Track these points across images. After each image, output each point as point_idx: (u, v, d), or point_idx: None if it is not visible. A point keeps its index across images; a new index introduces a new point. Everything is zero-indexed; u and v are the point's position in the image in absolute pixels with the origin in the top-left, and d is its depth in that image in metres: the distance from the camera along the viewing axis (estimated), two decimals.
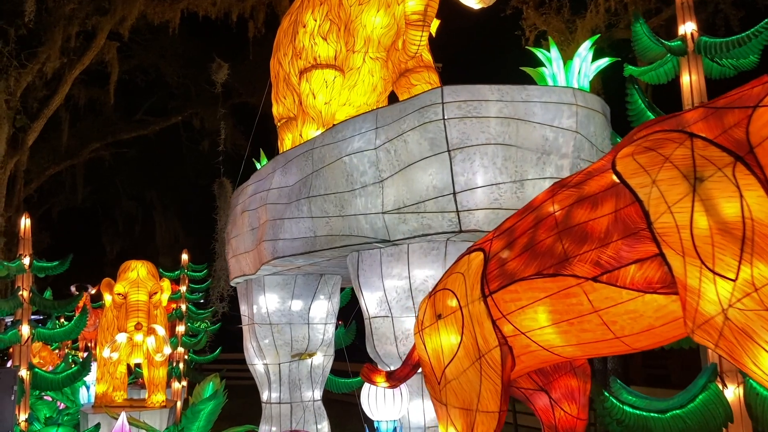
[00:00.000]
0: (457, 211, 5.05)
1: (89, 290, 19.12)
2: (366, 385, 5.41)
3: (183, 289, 15.79)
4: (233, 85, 17.90)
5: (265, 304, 8.09)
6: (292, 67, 8.50)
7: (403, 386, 5.47)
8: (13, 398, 5.29)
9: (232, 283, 9.05)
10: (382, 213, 5.47)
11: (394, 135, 5.37)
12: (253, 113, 19.98)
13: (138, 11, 12.14)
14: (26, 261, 6.53)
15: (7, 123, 10.18)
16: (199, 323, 17.18)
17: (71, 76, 11.78)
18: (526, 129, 5.08)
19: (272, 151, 9.25)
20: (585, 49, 5.48)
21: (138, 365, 12.23)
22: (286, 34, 8.52)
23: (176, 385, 11.91)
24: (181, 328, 12.89)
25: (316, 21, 7.58)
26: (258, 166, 9.08)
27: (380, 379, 3.91)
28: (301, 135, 7.76)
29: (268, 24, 13.92)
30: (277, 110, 9.16)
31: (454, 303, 2.80)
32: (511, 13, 11.46)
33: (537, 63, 5.75)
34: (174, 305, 14.80)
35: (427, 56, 7.78)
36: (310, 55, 7.60)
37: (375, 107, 9.00)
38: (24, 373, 6.25)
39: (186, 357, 13.40)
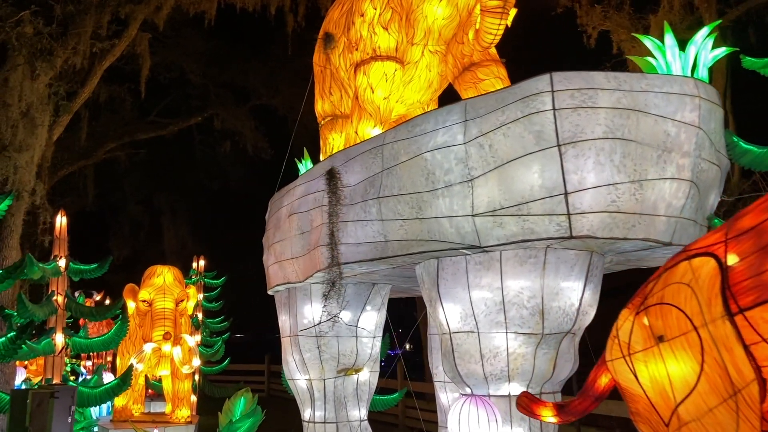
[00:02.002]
0: (568, 214, 4.43)
1: (94, 296, 18.43)
2: (458, 407, 4.78)
3: (200, 296, 15.12)
4: (254, 87, 17.34)
5: (311, 314, 7.44)
6: (343, 59, 7.91)
7: (496, 409, 4.83)
8: (70, 420, 4.64)
9: (270, 292, 8.40)
10: (472, 216, 4.85)
11: (489, 128, 4.76)
12: (274, 115, 19.51)
13: (173, 0, 11.53)
14: (62, 263, 5.89)
15: (50, 109, 9.56)
16: (212, 333, 16.50)
17: (101, 67, 11.16)
18: (647, 122, 4.48)
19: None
20: (702, 36, 4.89)
21: (155, 377, 11.56)
22: (337, 25, 7.94)
23: (193, 398, 11.22)
24: (197, 338, 12.22)
25: (376, 9, 7.00)
26: (301, 166, 8.47)
27: (547, 413, 3.27)
28: (356, 132, 7.17)
29: (308, 18, 13.38)
30: (322, 107, 8.56)
31: (683, 322, 2.19)
32: (562, 12, 10.95)
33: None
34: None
35: (493, 50, 7.21)
36: (369, 46, 7.01)
37: (427, 106, 8.45)
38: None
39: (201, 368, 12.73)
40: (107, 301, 17.85)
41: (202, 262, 16.12)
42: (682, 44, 5.12)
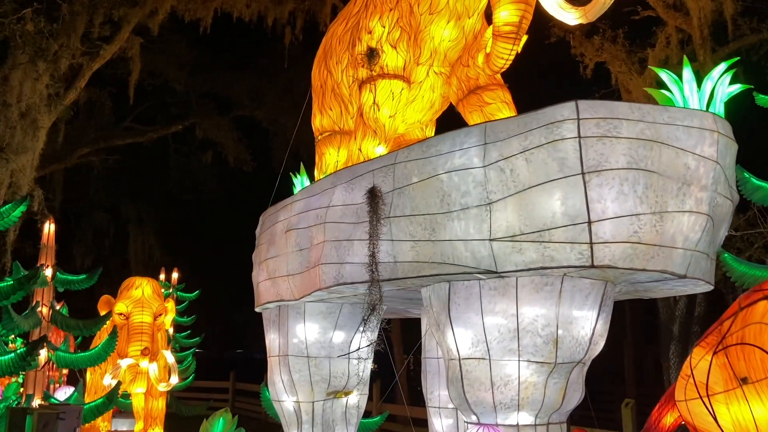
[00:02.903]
0: (591, 243, 4.40)
1: (55, 306, 17.77)
2: None
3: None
4: (238, 97, 17.10)
5: (304, 334, 7.25)
6: (345, 75, 7.83)
7: None
8: None
9: (259, 309, 8.16)
10: (489, 240, 4.78)
11: (511, 153, 4.72)
12: (257, 128, 19.27)
13: (170, 5, 11.29)
14: (48, 272, 5.59)
15: (50, 111, 9.15)
16: (181, 348, 16.02)
17: (90, 69, 10.81)
18: (669, 155, 4.51)
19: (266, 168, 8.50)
20: (719, 72, 4.97)
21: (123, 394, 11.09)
22: (341, 41, 7.87)
23: None
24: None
25: (384, 28, 6.95)
26: (296, 180, 8.30)
27: None
28: (360, 149, 7.06)
29: (305, 32, 13.27)
30: (320, 122, 8.44)
31: None
32: (556, 41, 11.15)
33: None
34: None
35: (498, 74, 7.23)
36: (377, 63, 6.95)
37: (426, 127, 8.41)
38: (37, 403, 5.26)
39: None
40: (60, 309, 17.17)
41: (175, 275, 15.70)
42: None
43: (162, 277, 15.79)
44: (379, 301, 5.03)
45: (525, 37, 6.47)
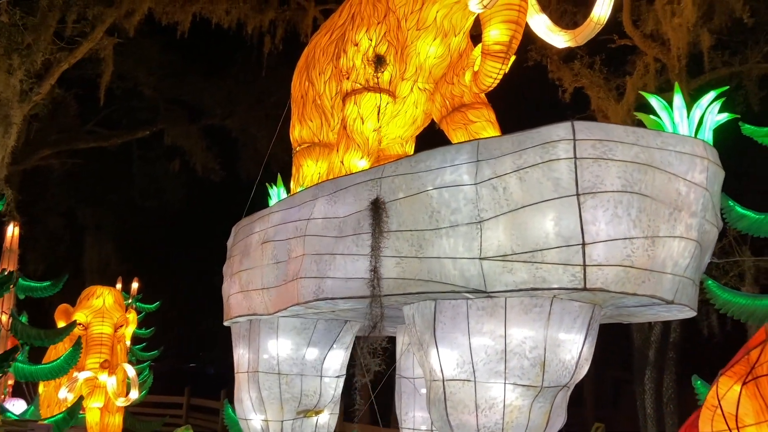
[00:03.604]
0: (584, 265, 4.35)
1: (15, 315, 16.95)
2: None
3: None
4: (209, 105, 16.76)
5: (276, 350, 7.01)
6: (328, 87, 7.70)
7: None
8: None
9: (228, 323, 7.89)
10: (480, 259, 4.69)
11: (504, 171, 4.66)
12: (227, 137, 18.90)
13: (147, 7, 10.95)
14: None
15: (21, 107, 8.66)
16: (138, 361, 15.44)
17: (60, 68, 10.36)
18: (662, 179, 4.52)
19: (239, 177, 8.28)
20: (708, 100, 5.04)
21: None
22: (325, 52, 7.74)
23: None
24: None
25: (371, 41, 6.86)
26: (272, 191, 8.10)
27: None
28: (342, 162, 6.92)
29: (285, 41, 13.06)
30: (299, 133, 8.27)
31: None
32: (533, 65, 11.28)
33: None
34: None
35: (483, 93, 7.22)
36: (362, 76, 6.85)
37: (406, 143, 8.33)
38: None
39: None
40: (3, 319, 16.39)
41: (135, 284, 15.17)
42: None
43: (119, 286, 15.24)
44: (380, 319, 4.85)
45: (513, 58, 6.48)
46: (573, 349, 4.83)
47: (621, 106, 10.58)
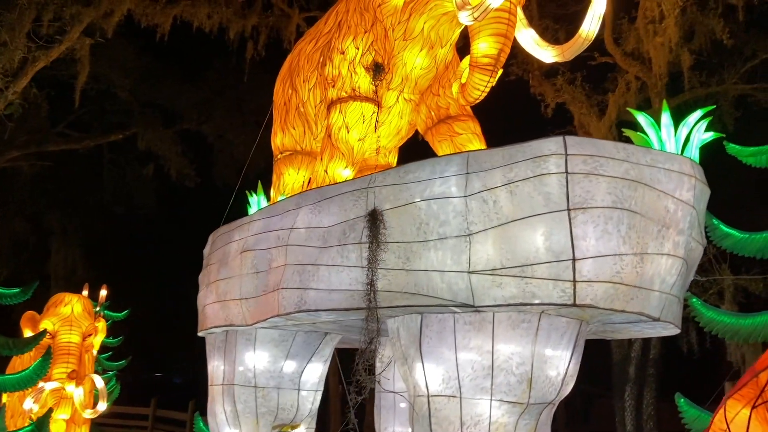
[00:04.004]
0: (574, 281, 4.31)
1: None
2: None
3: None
4: (185, 110, 16.47)
5: (253, 362, 6.83)
6: (312, 95, 7.60)
7: None
8: None
9: (202, 333, 7.67)
10: (468, 272, 4.62)
11: (494, 184, 4.61)
12: (202, 142, 18.59)
13: (126, 8, 10.69)
14: None
15: None
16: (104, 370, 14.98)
17: (34, 68, 10.01)
18: (651, 196, 4.52)
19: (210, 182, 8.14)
20: (694, 118, 5.07)
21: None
22: (310, 60, 7.65)
23: None
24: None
25: (358, 50, 6.79)
26: (252, 199, 7.93)
27: None
28: (326, 171, 6.81)
29: (267, 48, 12.89)
30: (281, 141, 8.14)
31: None
32: (515, 79, 11.36)
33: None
34: None
35: (469, 106, 7.20)
36: (348, 84, 6.76)
37: (390, 153, 8.27)
38: None
39: None
40: None
41: (103, 292, 14.72)
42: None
43: (85, 293, 14.77)
44: (377, 334, 4.74)
45: (500, 71, 6.47)
46: (560, 365, 4.78)
47: (603, 122, 10.72)
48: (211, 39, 12.56)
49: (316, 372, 7.14)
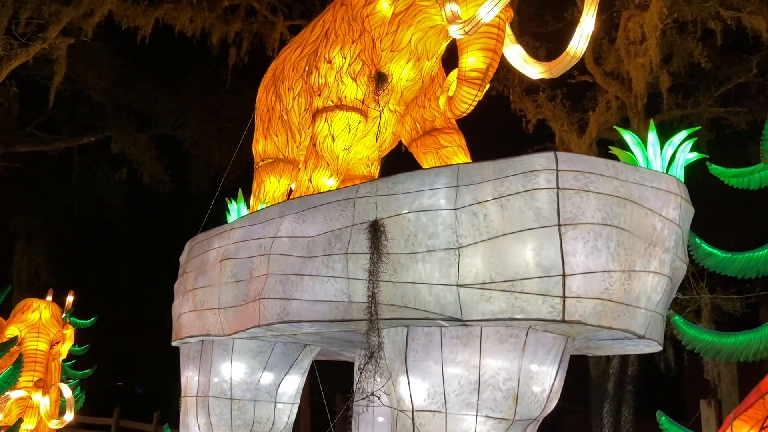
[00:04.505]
0: (564, 297, 4.31)
1: None
2: None
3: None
4: (161, 114, 16.19)
5: (230, 373, 6.67)
6: (297, 103, 7.53)
7: None
8: None
9: (176, 343, 7.48)
10: (457, 286, 4.58)
11: (485, 197, 4.60)
12: (179, 147, 18.27)
13: (108, 9, 10.43)
14: None
15: None
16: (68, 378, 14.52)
17: (9, 67, 9.68)
18: (639, 214, 4.55)
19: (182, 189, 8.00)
20: (679, 138, 5.15)
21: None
22: (295, 68, 7.58)
23: None
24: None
25: (345, 59, 6.75)
26: (232, 207, 7.79)
27: None
28: (310, 180, 6.73)
29: (251, 54, 12.73)
30: (263, 148, 8.04)
31: None
32: (495, 95, 11.45)
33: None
34: None
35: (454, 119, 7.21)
36: (335, 94, 6.71)
37: (372, 164, 8.23)
38: None
39: None
40: None
41: (70, 298, 14.31)
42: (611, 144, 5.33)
43: (49, 298, 14.32)
44: (378, 348, 4.64)
45: (487, 85, 6.50)
46: (545, 381, 4.77)
47: (584, 140, 10.89)
48: (189, 43, 12.40)
49: (293, 384, 7.00)
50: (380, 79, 6.42)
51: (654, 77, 10.38)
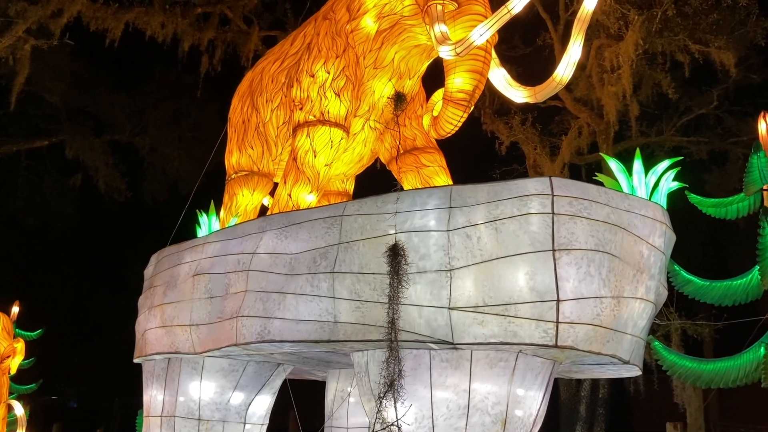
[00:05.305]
0: (557, 322, 4.31)
1: None
2: None
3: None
4: (119, 120, 15.61)
5: (198, 393, 6.41)
6: (275, 115, 7.38)
7: None
8: None
9: (139, 360, 7.15)
10: (448, 308, 4.54)
11: (479, 220, 4.58)
12: (135, 155, 17.63)
13: (77, 9, 9.95)
14: None
15: None
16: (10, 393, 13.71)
17: None
18: (629, 241, 4.62)
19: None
20: (662, 167, 5.27)
21: None
22: (275, 80, 7.43)
23: None
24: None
25: (329, 74, 6.66)
26: (203, 219, 7.53)
27: None
28: (290, 195, 6.57)
29: (224, 63, 12.41)
30: (237, 160, 7.82)
31: None
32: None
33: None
34: None
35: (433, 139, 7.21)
36: (317, 108, 6.60)
37: (347, 180, 8.14)
38: None
39: None
40: None
41: (16, 308, 13.55)
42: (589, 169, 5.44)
43: (15, 310, 13.54)
44: (398, 376, 4.50)
45: (472, 107, 6.52)
46: (533, 405, 4.75)
47: (556, 164, 11.12)
48: (150, 47, 12.06)
49: (263, 404, 6.78)
50: (399, 99, 6.36)
51: (623, 105, 10.72)
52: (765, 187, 4.89)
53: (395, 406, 4.41)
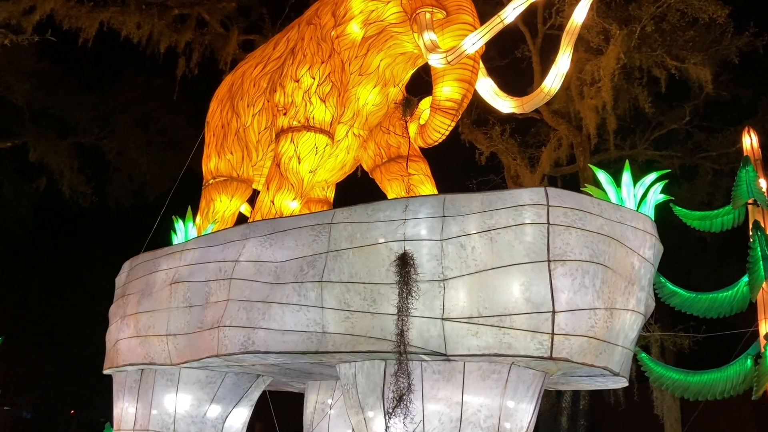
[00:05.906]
0: (552, 334, 4.27)
1: None
2: None
3: None
4: (85, 123, 15.11)
5: (174, 405, 6.17)
6: (257, 120, 7.22)
7: None
8: None
9: (110, 371, 6.86)
10: (442, 319, 4.46)
11: (473, 229, 4.52)
12: (101, 158, 17.09)
13: (50, 7, 9.56)
14: None
15: None
16: None
17: None
18: (621, 252, 4.63)
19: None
20: (650, 180, 5.32)
21: None
22: (256, 84, 7.27)
23: None
24: None
25: (314, 79, 6.55)
26: (179, 225, 7.29)
27: None
28: (273, 202, 6.41)
29: (201, 66, 12.11)
30: (215, 165, 7.62)
31: None
32: None
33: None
34: None
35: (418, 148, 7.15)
36: (302, 114, 6.47)
37: (328, 187, 8.02)
38: None
39: None
40: None
41: None
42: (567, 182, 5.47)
43: None
44: (407, 390, 4.36)
45: (459, 116, 6.49)
46: (524, 418, 4.70)
47: (536, 174, 11.22)
48: (119, 48, 11.74)
49: (240, 417, 6.57)
50: (407, 103, 6.27)
51: (601, 118, 10.90)
52: (751, 201, 4.96)
53: (404, 423, 4.28)
